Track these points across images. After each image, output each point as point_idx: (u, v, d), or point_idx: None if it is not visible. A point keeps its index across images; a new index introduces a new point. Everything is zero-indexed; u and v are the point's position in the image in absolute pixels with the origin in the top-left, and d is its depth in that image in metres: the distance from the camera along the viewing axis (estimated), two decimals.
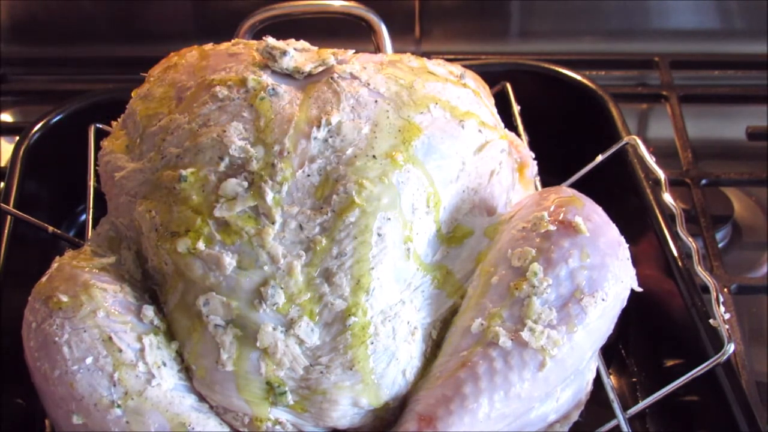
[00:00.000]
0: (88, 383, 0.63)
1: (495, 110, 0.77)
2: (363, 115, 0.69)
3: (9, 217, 0.84)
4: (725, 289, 0.91)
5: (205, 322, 0.65)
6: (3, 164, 1.03)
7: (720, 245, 0.98)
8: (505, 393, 0.64)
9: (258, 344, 0.64)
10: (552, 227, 0.68)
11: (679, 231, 0.80)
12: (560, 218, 0.69)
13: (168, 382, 0.65)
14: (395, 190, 0.66)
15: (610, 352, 0.78)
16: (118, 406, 0.63)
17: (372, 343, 0.65)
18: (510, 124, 0.88)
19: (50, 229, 0.84)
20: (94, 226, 0.80)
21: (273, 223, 0.65)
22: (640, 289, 0.70)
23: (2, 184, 0.93)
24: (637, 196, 0.90)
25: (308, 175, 0.66)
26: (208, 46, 0.78)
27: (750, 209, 1.08)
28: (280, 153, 0.67)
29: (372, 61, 0.74)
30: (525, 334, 0.64)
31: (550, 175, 0.89)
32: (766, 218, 1.07)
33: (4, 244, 0.83)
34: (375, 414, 0.67)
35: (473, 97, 0.74)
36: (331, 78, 0.71)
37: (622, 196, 0.90)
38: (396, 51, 0.90)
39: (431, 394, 0.65)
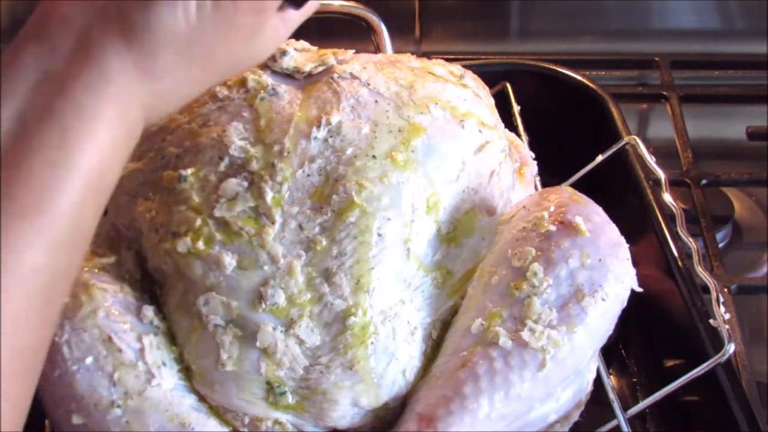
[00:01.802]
0: (88, 383, 0.63)
1: (495, 110, 0.77)
2: (363, 115, 0.69)
3: None
4: (725, 289, 0.91)
5: (205, 322, 0.65)
6: None
7: (720, 245, 0.98)
8: (506, 393, 0.64)
9: (258, 344, 0.64)
10: (552, 227, 0.68)
11: (679, 231, 0.81)
12: (560, 218, 0.69)
13: (168, 382, 0.65)
14: (395, 190, 0.66)
15: (610, 352, 0.78)
16: (118, 406, 0.63)
17: (372, 343, 0.65)
18: (510, 124, 0.88)
19: None
20: None
21: (273, 223, 0.65)
22: (640, 290, 0.70)
23: None
24: (637, 196, 0.90)
25: (308, 175, 0.66)
26: None
27: (750, 209, 1.08)
28: (280, 153, 0.67)
29: (372, 61, 0.74)
30: (525, 334, 0.64)
31: (550, 175, 0.89)
32: (766, 218, 1.07)
33: None
34: (375, 414, 0.67)
35: (473, 97, 0.74)
36: (331, 78, 0.71)
37: (622, 196, 0.90)
38: (396, 51, 0.90)
39: (431, 394, 0.65)
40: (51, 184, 0.47)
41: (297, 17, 0.59)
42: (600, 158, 0.91)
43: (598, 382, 0.73)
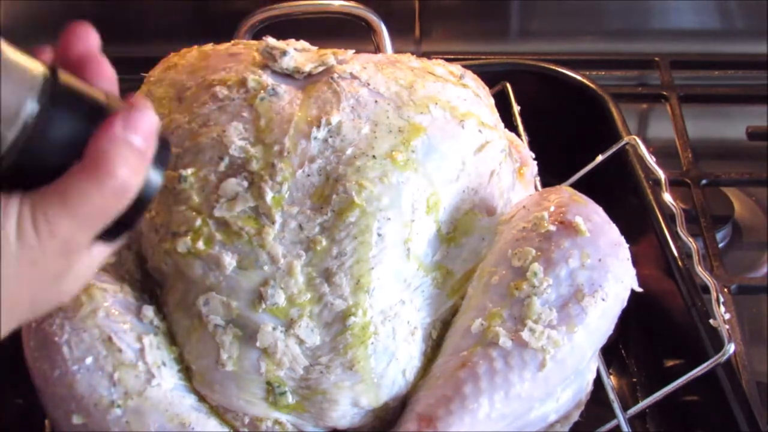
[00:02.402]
0: (88, 383, 0.63)
1: (495, 110, 0.77)
2: (363, 115, 0.69)
3: None
4: (725, 289, 0.91)
5: (205, 322, 0.65)
6: None
7: (720, 245, 0.98)
8: (506, 393, 0.64)
9: (258, 344, 0.64)
10: (552, 227, 0.68)
11: (679, 231, 0.81)
12: (560, 218, 0.69)
13: (168, 382, 0.65)
14: (395, 190, 0.66)
15: (610, 352, 0.78)
16: (118, 406, 0.63)
17: (372, 343, 0.65)
18: (510, 124, 0.88)
19: None
20: None
21: (273, 223, 0.65)
22: (640, 290, 0.70)
23: None
24: (637, 196, 0.90)
25: (308, 175, 0.66)
26: (208, 46, 0.78)
27: (750, 209, 1.08)
28: (279, 153, 0.67)
29: (372, 61, 0.74)
30: (525, 334, 0.64)
31: (550, 175, 0.89)
32: (766, 218, 1.06)
33: None
34: (375, 414, 0.67)
35: (473, 97, 0.74)
36: (331, 78, 0.71)
37: (622, 196, 0.90)
38: (396, 51, 0.90)
39: (431, 394, 0.65)
40: None
41: (105, 253, 0.53)
42: (600, 158, 0.91)
43: (598, 382, 0.73)
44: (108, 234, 0.50)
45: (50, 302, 0.52)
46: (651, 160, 0.86)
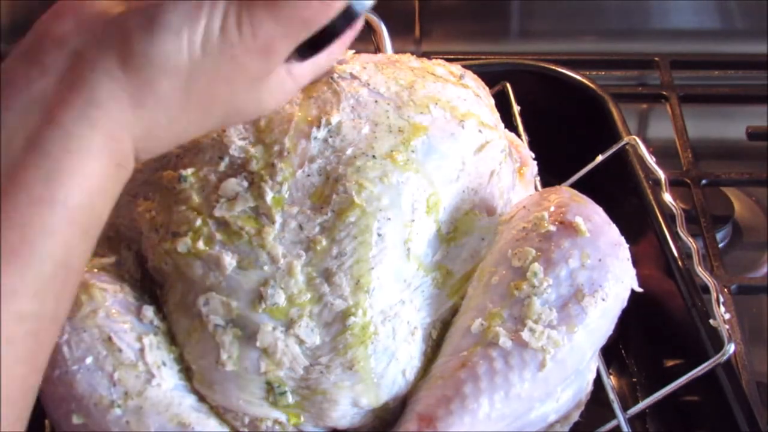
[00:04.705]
0: (87, 383, 0.63)
1: (495, 110, 0.77)
2: (363, 115, 0.69)
3: None
4: (725, 289, 0.91)
5: (205, 322, 0.65)
6: None
7: (720, 245, 0.98)
8: (506, 393, 0.64)
9: (258, 344, 0.64)
10: (552, 227, 0.68)
11: (679, 231, 0.81)
12: (560, 218, 0.69)
13: (168, 382, 0.65)
14: (395, 190, 0.66)
15: (610, 352, 0.78)
16: (118, 406, 0.63)
17: (372, 343, 0.65)
18: (510, 124, 0.88)
19: None
20: None
21: (273, 223, 0.65)
22: (640, 290, 0.70)
23: None
24: (637, 196, 0.90)
25: (308, 175, 0.66)
26: None
27: (750, 209, 1.08)
28: (280, 153, 0.67)
29: (372, 61, 0.74)
30: (525, 335, 0.64)
31: (550, 175, 0.89)
32: (766, 218, 1.07)
33: None
34: (375, 414, 0.67)
35: (473, 97, 0.74)
36: (331, 78, 0.71)
37: (622, 196, 0.90)
38: (396, 51, 0.90)
39: (431, 394, 0.65)
40: (35, 222, 0.44)
41: (306, 72, 0.55)
42: (600, 158, 0.91)
43: (598, 382, 0.73)
44: (309, 48, 0.53)
45: (246, 108, 0.54)
46: (651, 160, 0.86)
